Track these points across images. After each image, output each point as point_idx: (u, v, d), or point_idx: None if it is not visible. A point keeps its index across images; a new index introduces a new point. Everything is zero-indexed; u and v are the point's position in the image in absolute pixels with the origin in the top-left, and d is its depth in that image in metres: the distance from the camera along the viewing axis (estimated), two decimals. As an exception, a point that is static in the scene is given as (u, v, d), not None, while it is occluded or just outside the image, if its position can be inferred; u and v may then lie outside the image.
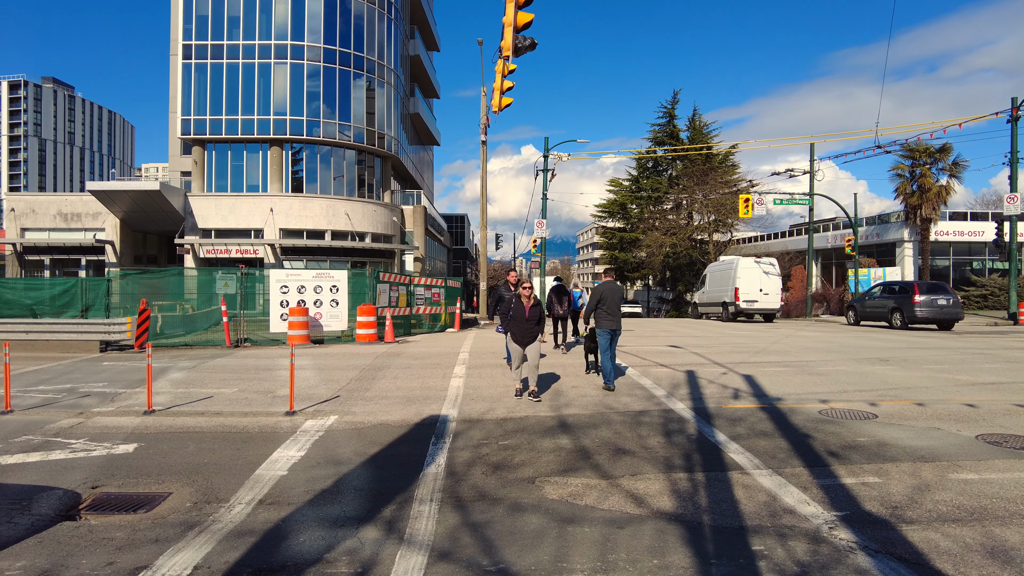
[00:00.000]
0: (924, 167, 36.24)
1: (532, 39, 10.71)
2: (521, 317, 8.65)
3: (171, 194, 34.12)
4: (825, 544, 4.08)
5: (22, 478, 5.54)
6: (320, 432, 7.05)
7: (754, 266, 28.22)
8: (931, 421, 7.32)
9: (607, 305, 9.58)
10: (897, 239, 39.29)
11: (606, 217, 60.89)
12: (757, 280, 27.80)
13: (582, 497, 5.01)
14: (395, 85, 41.45)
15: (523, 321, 8.63)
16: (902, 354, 13.79)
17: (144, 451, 6.37)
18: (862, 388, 9.47)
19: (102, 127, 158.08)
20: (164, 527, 4.47)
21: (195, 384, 10.20)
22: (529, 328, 8.66)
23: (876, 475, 5.41)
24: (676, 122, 56.06)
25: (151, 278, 20.03)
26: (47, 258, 37.14)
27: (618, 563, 3.84)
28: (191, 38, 36.05)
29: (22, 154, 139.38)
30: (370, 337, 16.42)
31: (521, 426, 7.28)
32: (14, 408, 8.25)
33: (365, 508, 4.80)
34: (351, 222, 37.28)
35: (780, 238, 51.30)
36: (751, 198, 32.74)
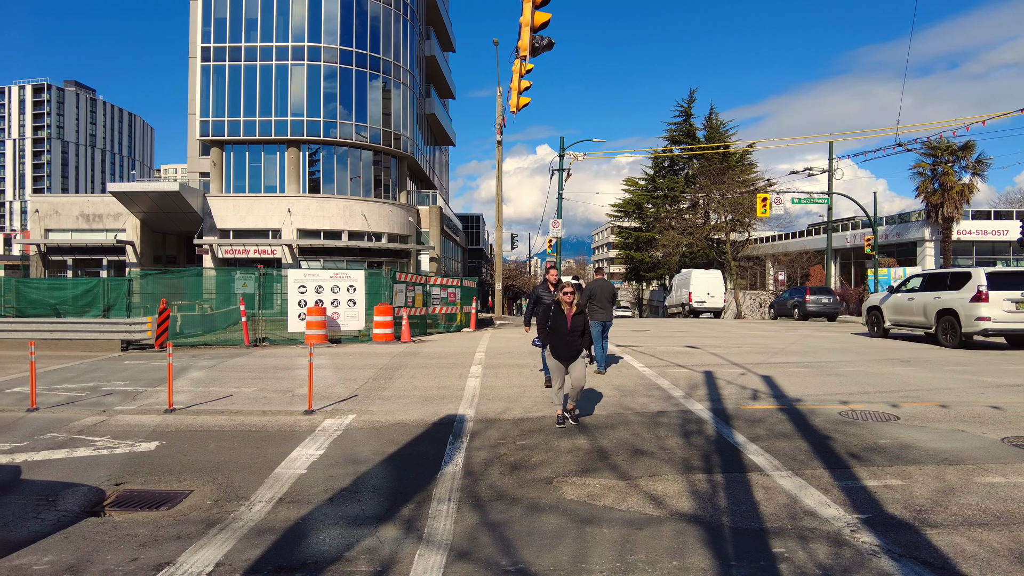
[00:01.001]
0: (946, 165, 35.68)
1: (549, 39, 10.71)
2: (562, 327, 7.15)
3: (190, 195, 34.53)
4: (847, 547, 4.03)
5: (48, 474, 5.63)
6: (338, 431, 7.10)
7: (704, 275, 36.95)
8: (955, 423, 7.20)
9: (598, 300, 10.85)
10: (918, 238, 38.75)
11: (622, 217, 60.71)
12: (705, 286, 35.95)
13: (600, 498, 4.99)
14: (411, 86, 41.62)
15: (564, 332, 7.15)
16: (924, 355, 13.59)
17: (165, 449, 6.45)
18: (883, 389, 9.35)
19: (122, 129, 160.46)
20: (186, 524, 4.52)
21: (214, 383, 10.31)
22: (572, 341, 7.16)
23: (899, 477, 5.34)
24: (692, 121, 55.79)
25: (171, 278, 20.29)
26: (70, 258, 37.76)
27: (637, 564, 3.83)
28: (209, 40, 36.46)
29: (45, 156, 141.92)
30: (387, 337, 16.50)
31: (538, 426, 7.27)
32: (39, 406, 8.39)
33: (384, 507, 4.83)
34: (368, 222, 37.49)
35: (798, 237, 50.81)
36: (769, 197, 32.49)
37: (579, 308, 7.24)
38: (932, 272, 17.45)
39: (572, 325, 7.13)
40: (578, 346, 7.20)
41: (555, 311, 7.21)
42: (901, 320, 17.54)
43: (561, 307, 7.18)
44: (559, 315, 7.18)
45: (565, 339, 7.14)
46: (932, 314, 15.87)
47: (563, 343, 7.16)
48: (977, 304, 14.50)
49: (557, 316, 7.18)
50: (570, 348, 7.17)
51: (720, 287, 36.67)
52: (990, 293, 14.47)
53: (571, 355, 7.19)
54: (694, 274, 37.38)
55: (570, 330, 7.11)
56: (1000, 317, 14.29)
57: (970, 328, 14.74)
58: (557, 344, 7.21)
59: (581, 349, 7.24)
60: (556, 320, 7.19)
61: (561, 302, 7.18)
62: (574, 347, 7.18)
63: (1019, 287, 14.51)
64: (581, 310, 7.24)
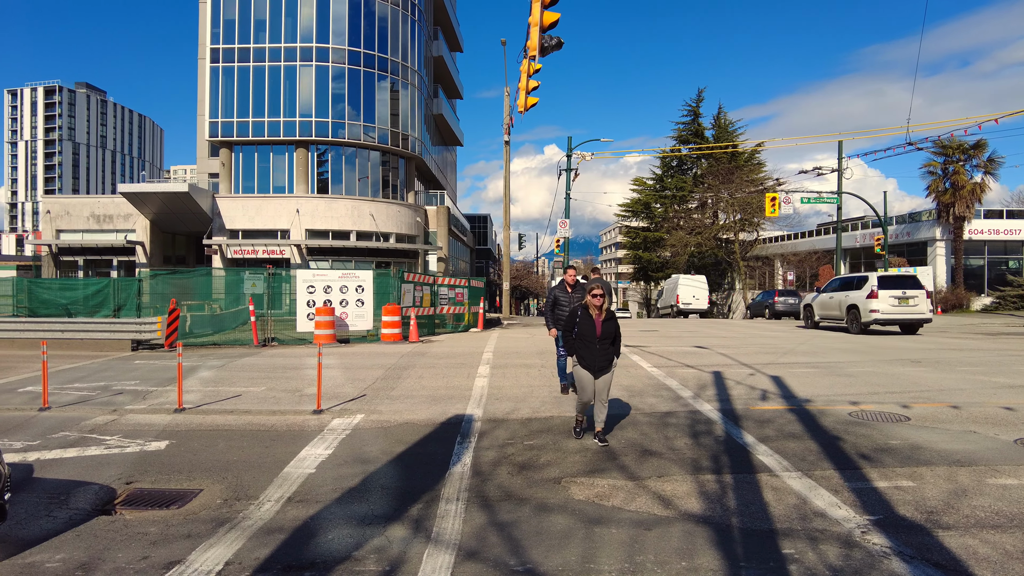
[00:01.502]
0: (957, 164, 35.42)
1: (558, 38, 10.69)
2: (590, 335, 6.35)
3: (199, 196, 34.73)
4: (858, 549, 4.00)
5: (60, 473, 5.68)
6: (347, 431, 7.11)
7: (690, 280, 40.58)
8: (967, 424, 7.14)
9: None
10: (929, 238, 38.45)
11: (630, 216, 60.57)
12: (691, 290, 39.53)
13: (609, 498, 4.98)
14: (418, 86, 41.69)
15: (592, 340, 6.33)
16: (935, 355, 13.49)
17: (175, 448, 6.49)
18: (893, 390, 9.28)
19: (133, 130, 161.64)
20: (196, 523, 4.55)
21: (224, 383, 10.36)
22: (602, 350, 6.36)
23: (910, 479, 5.30)
24: (701, 120, 55.59)
25: (180, 278, 20.43)
26: (81, 259, 38.06)
27: (646, 565, 3.82)
28: (219, 42, 36.66)
29: (57, 158, 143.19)
30: (395, 336, 16.54)
31: (546, 426, 7.26)
32: (51, 405, 8.46)
33: (392, 506, 4.84)
34: (376, 223, 37.59)
35: (807, 237, 50.55)
36: (778, 197, 32.34)
37: (609, 313, 6.45)
38: (845, 277, 22.06)
39: (602, 332, 6.34)
40: (608, 355, 6.39)
41: (582, 316, 6.44)
42: (825, 314, 21.77)
43: (589, 311, 6.41)
44: (586, 321, 6.39)
45: (594, 348, 6.33)
46: (844, 308, 20.35)
47: (592, 352, 6.34)
48: (870, 300, 19.08)
49: (584, 322, 6.40)
50: (600, 358, 6.36)
51: (704, 291, 40.21)
52: (879, 292, 18.97)
53: (602, 366, 6.36)
54: (681, 279, 41.01)
55: (600, 337, 6.32)
56: (886, 310, 18.95)
57: (866, 318, 19.20)
58: (585, 353, 6.38)
59: (612, 360, 6.43)
60: (583, 326, 6.40)
61: (589, 306, 6.40)
62: (604, 357, 6.38)
63: (900, 287, 19.12)
64: (612, 315, 6.47)
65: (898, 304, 19.07)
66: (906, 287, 19.23)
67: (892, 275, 20.70)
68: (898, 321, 19.29)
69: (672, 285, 42.53)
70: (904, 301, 19.04)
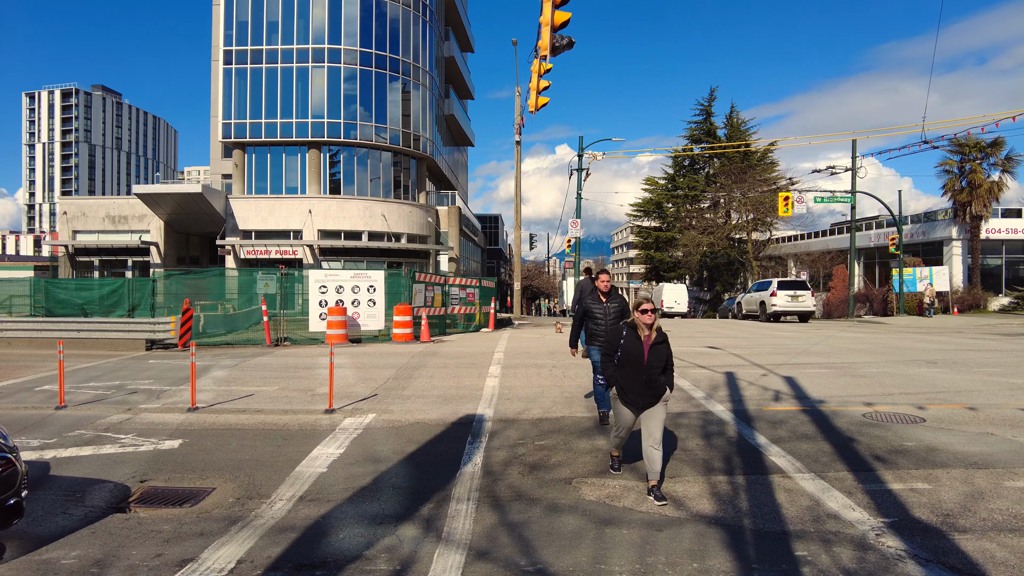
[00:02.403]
0: (974, 162, 34.93)
1: (569, 38, 10.66)
2: (636, 360, 5.07)
3: (213, 196, 35.00)
4: (872, 551, 3.96)
5: (76, 471, 5.74)
6: (359, 430, 7.14)
7: (672, 288, 44.92)
8: (984, 426, 7.05)
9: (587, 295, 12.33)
10: (945, 237, 37.97)
11: (641, 216, 60.26)
12: (673, 296, 43.27)
13: (620, 499, 4.96)
14: (430, 87, 41.77)
15: (638, 368, 5.06)
16: (951, 356, 13.32)
17: (189, 447, 6.54)
18: (908, 391, 9.18)
19: (147, 132, 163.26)
20: (208, 521, 4.58)
21: (237, 382, 10.43)
22: (650, 383, 5.06)
23: (925, 481, 5.24)
24: (713, 120, 55.21)
25: (194, 278, 20.60)
26: (96, 259, 38.46)
27: (657, 566, 3.80)
28: (232, 44, 36.91)
29: (73, 159, 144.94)
30: (406, 336, 16.58)
31: (557, 427, 7.25)
32: (68, 404, 8.56)
33: (403, 506, 4.85)
34: (387, 223, 37.71)
35: (821, 236, 50.09)
36: (791, 196, 32.05)
37: (660, 335, 5.16)
38: (761, 281, 31.26)
39: (651, 358, 5.06)
40: (658, 386, 5.09)
41: (627, 337, 5.18)
42: (749, 308, 29.77)
43: (636, 332, 5.13)
44: (633, 343, 5.13)
45: (641, 377, 5.06)
46: (758, 303, 28.21)
47: (636, 384, 5.09)
48: (772, 297, 26.98)
49: (630, 344, 5.14)
50: (648, 390, 5.07)
51: (684, 297, 44.55)
52: (778, 292, 26.89)
53: (649, 399, 5.09)
54: (665, 287, 45.52)
55: (647, 365, 5.04)
56: (783, 304, 26.80)
57: (769, 310, 26.95)
58: (628, 385, 5.14)
59: (663, 390, 5.12)
60: (628, 349, 5.13)
61: (637, 325, 5.13)
62: (652, 387, 5.07)
63: (793, 289, 27.31)
64: (664, 338, 5.18)
65: (791, 300, 26.83)
66: (797, 289, 27.43)
67: (788, 280, 29.32)
68: (790, 312, 27.11)
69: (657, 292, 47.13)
70: (795, 298, 26.87)
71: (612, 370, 5.28)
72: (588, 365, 11.99)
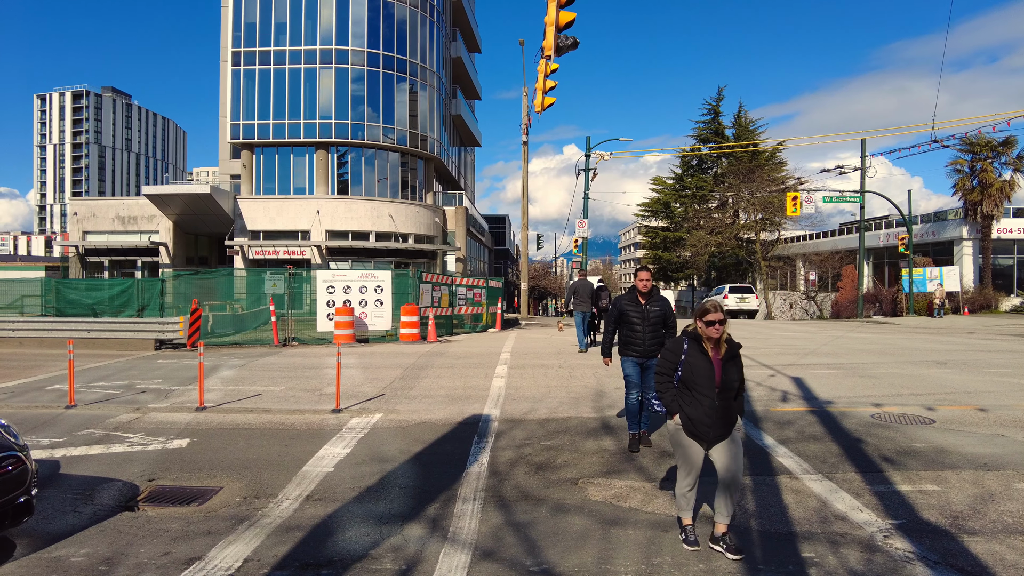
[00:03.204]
0: (985, 161, 34.65)
1: (574, 38, 10.66)
2: (705, 380, 4.03)
3: (221, 197, 35.18)
4: (880, 553, 3.94)
5: (85, 469, 5.79)
6: (365, 430, 7.16)
7: None
8: (994, 427, 6.99)
9: (580, 296, 14.26)
10: (955, 237, 37.69)
11: (649, 216, 60.12)
12: None
13: (626, 499, 4.95)
14: (437, 87, 41.83)
15: (708, 391, 4.02)
16: (961, 357, 13.22)
17: (196, 446, 6.58)
18: (918, 392, 9.11)
19: (156, 133, 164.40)
20: (216, 520, 4.60)
21: (244, 382, 10.48)
22: (723, 408, 4.03)
23: (934, 483, 5.20)
24: (721, 119, 55.03)
25: (202, 279, 20.73)
26: (106, 259, 38.73)
27: (663, 567, 3.79)
28: (240, 45, 37.09)
29: (84, 160, 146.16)
30: (413, 336, 16.61)
31: (564, 427, 7.25)
32: (77, 403, 8.63)
33: (409, 506, 4.85)
34: (395, 223, 37.79)
35: (830, 236, 49.83)
36: (799, 196, 31.93)
37: (731, 348, 4.12)
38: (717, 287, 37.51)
39: (724, 378, 4.05)
40: (731, 415, 4.08)
41: (690, 352, 4.13)
42: None
43: (702, 345, 4.10)
44: (698, 359, 4.09)
45: (712, 403, 4.02)
46: None
47: (705, 411, 4.03)
48: (724, 299, 32.60)
49: (695, 361, 4.10)
50: (721, 418, 4.03)
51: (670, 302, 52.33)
52: (729, 295, 33.26)
53: (721, 430, 4.04)
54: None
55: (721, 387, 4.03)
56: (733, 305, 32.57)
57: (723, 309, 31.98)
58: (695, 413, 4.06)
59: (735, 419, 4.13)
60: (693, 367, 4.09)
61: (703, 338, 4.10)
62: (727, 416, 4.06)
63: (741, 292, 33.77)
64: (735, 351, 4.15)
65: (739, 301, 33.12)
66: (744, 292, 33.97)
67: (737, 285, 36.02)
68: (739, 311, 32.97)
69: None
70: (742, 300, 33.37)
71: (672, 394, 4.19)
72: (599, 366, 11.96)
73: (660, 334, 6.15)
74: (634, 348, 6.19)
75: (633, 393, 6.27)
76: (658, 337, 6.14)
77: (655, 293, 6.25)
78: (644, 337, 6.11)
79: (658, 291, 6.27)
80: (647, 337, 6.12)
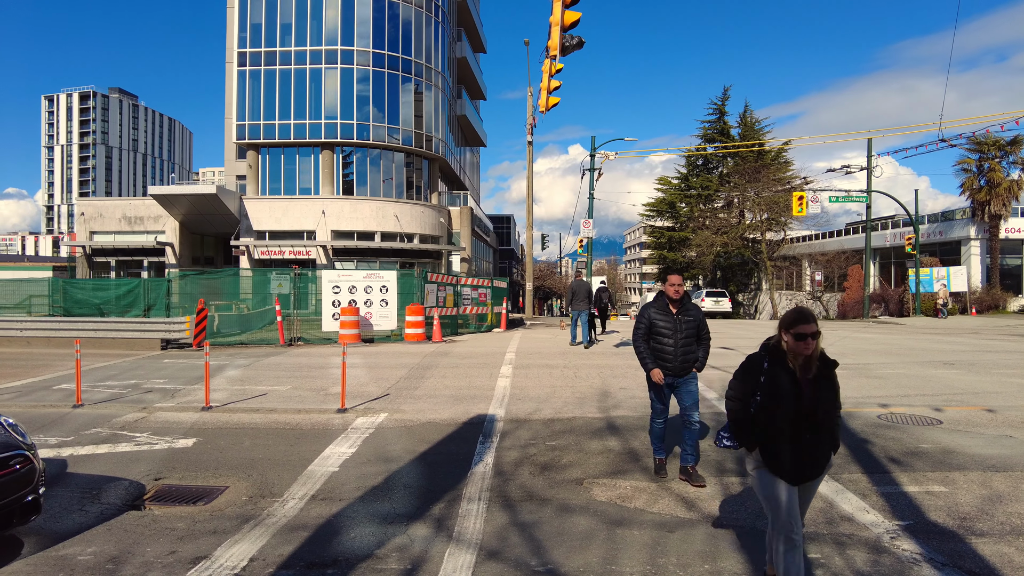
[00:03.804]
0: (993, 161, 34.45)
1: (579, 38, 10.65)
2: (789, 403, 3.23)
3: (227, 197, 35.28)
4: (887, 554, 3.92)
5: (92, 468, 5.81)
6: (370, 429, 7.17)
7: None
8: (1002, 428, 6.95)
9: (577, 296, 15.24)
10: (963, 237, 37.48)
11: (654, 216, 59.98)
12: None
13: (631, 500, 4.94)
14: (442, 88, 41.87)
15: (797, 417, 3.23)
16: (969, 357, 13.15)
17: (202, 446, 6.60)
18: (925, 392, 9.07)
19: (163, 134, 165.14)
20: (221, 519, 4.62)
21: (250, 381, 10.51)
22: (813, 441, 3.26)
23: (942, 484, 5.17)
24: (727, 119, 54.83)
25: (208, 279, 20.77)
26: (113, 259, 38.90)
27: (668, 567, 3.78)
28: (246, 46, 37.20)
29: (91, 161, 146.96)
30: (418, 336, 16.63)
31: (569, 427, 7.24)
32: (85, 402, 8.67)
33: (414, 505, 4.86)
34: (400, 223, 37.84)
35: (836, 236, 49.65)
36: (805, 196, 31.79)
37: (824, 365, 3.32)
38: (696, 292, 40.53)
39: (814, 402, 3.24)
40: (825, 448, 3.31)
41: (771, 370, 3.32)
42: None
43: (786, 363, 3.30)
44: (782, 380, 3.28)
45: (802, 434, 3.24)
46: None
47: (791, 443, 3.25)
48: (701, 302, 34.97)
49: (778, 381, 3.28)
50: (813, 452, 3.27)
51: None
52: (705, 298, 36.59)
53: (812, 470, 3.30)
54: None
55: (809, 411, 3.23)
56: (708, 307, 35.51)
57: None
58: (784, 448, 3.26)
59: (828, 455, 3.36)
60: (775, 390, 3.27)
61: (789, 354, 3.27)
62: (819, 451, 3.29)
63: (715, 296, 37.22)
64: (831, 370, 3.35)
65: (714, 304, 36.80)
66: (718, 296, 38.21)
67: (712, 290, 40.75)
68: (713, 312, 35.84)
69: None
70: (716, 302, 37.09)
71: (749, 431, 3.36)
72: (603, 366, 11.95)
73: (692, 349, 5.39)
74: (666, 363, 5.36)
75: (659, 420, 5.57)
76: (691, 352, 5.38)
77: (687, 302, 5.47)
78: (676, 352, 5.32)
79: (690, 297, 5.51)
80: (679, 352, 5.33)
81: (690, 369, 5.41)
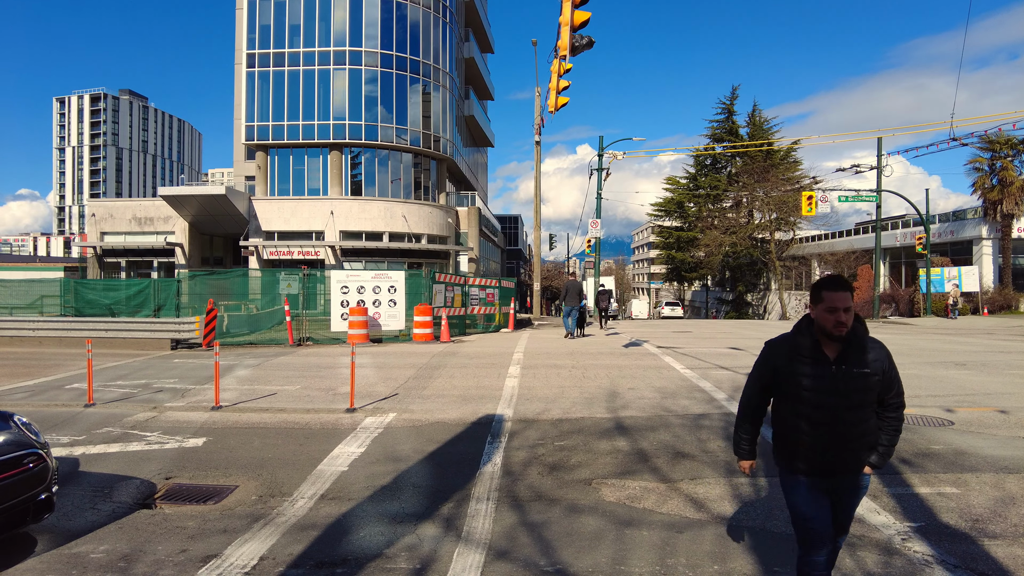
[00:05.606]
0: (1005, 160, 34.16)
1: (589, 37, 10.63)
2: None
3: (236, 198, 35.47)
4: (898, 556, 3.89)
5: (104, 467, 5.86)
6: (379, 429, 7.19)
7: None
8: (1015, 430, 6.88)
9: (570, 293, 17.75)
10: (974, 237, 37.17)
11: (662, 216, 59.88)
12: None
13: (640, 500, 4.93)
14: (450, 88, 41.93)
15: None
16: (981, 358, 13.04)
17: (212, 445, 6.64)
18: (936, 393, 9.00)
19: (172, 135, 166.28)
20: (232, 518, 4.64)
21: (259, 381, 10.56)
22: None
23: (954, 485, 5.13)
24: (735, 118, 54.71)
25: (218, 279, 20.90)
26: (123, 260, 39.20)
27: (677, 568, 3.77)
28: (255, 47, 37.39)
29: (102, 162, 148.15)
30: (426, 336, 16.65)
31: (577, 427, 7.23)
32: (96, 402, 8.74)
33: (423, 505, 4.87)
34: (408, 224, 37.92)
35: (845, 236, 49.35)
36: (815, 195, 31.62)
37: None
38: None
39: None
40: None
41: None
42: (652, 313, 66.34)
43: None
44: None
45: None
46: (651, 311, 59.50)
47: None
48: (661, 309, 56.25)
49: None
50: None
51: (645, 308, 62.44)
52: (664, 307, 55.54)
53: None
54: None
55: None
56: (665, 312, 52.79)
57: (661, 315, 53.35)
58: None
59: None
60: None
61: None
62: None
63: (672, 305, 55.62)
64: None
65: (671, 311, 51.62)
66: (674, 306, 54.19)
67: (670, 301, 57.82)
68: (670, 317, 47.33)
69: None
70: (672, 310, 52.45)
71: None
72: (612, 366, 11.95)
73: (866, 422, 2.94)
74: (805, 455, 2.97)
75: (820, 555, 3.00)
76: (867, 431, 2.95)
77: (860, 336, 2.94)
78: (833, 431, 2.89)
79: (865, 330, 2.99)
80: (839, 431, 2.89)
81: (860, 465, 2.98)
